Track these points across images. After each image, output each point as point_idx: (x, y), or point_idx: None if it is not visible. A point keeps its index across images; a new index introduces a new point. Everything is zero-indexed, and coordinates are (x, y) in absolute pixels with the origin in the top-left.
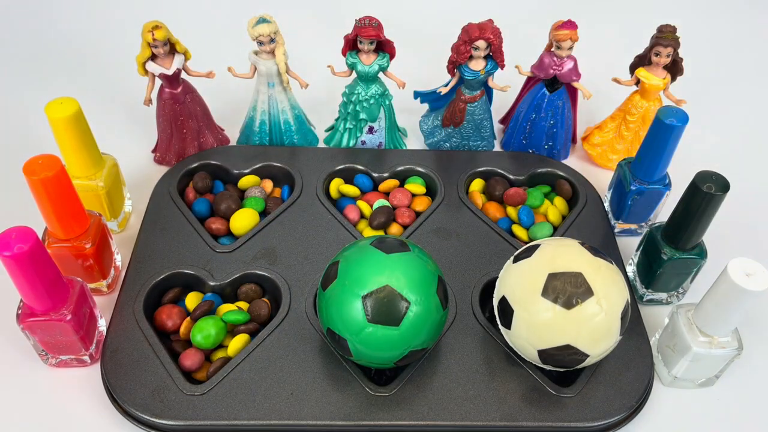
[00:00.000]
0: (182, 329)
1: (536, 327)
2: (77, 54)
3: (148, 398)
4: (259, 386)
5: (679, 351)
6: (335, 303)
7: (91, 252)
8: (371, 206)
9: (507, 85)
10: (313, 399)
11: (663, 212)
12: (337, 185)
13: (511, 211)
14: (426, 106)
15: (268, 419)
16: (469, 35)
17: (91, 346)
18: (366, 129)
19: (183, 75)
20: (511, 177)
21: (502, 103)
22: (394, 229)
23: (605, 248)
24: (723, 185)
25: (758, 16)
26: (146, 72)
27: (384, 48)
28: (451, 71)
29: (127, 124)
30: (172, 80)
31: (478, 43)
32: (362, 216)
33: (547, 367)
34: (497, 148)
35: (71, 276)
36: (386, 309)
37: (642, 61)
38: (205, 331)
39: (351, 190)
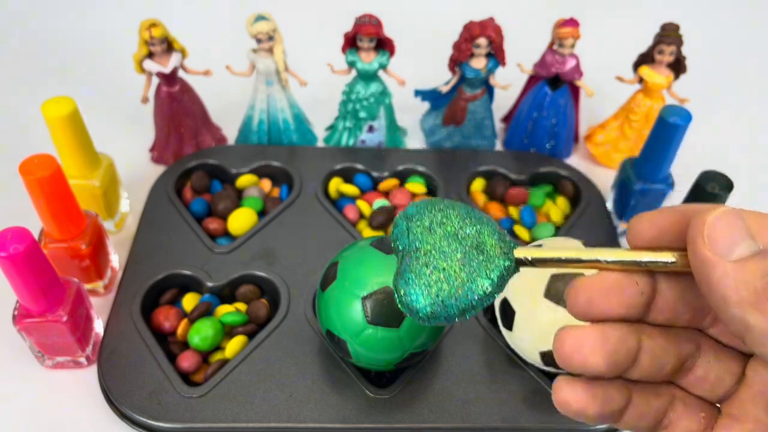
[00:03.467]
0: (179, 331)
1: (538, 328)
2: (74, 53)
3: (145, 400)
4: (257, 388)
5: None
6: (334, 304)
7: (87, 252)
8: (371, 206)
9: (508, 84)
10: (312, 401)
11: None
12: (336, 185)
13: (513, 211)
14: (426, 105)
15: (267, 422)
16: (470, 33)
17: (88, 348)
18: (366, 128)
19: (180, 73)
20: (512, 176)
21: (503, 102)
22: None
23: None
24: (727, 185)
25: (762, 14)
26: (143, 70)
27: (384, 46)
28: (452, 69)
29: (123, 123)
30: (170, 78)
31: (480, 40)
32: (362, 216)
33: (549, 369)
34: (499, 147)
35: (67, 277)
36: (386, 310)
37: (645, 59)
38: (202, 333)
39: (350, 189)
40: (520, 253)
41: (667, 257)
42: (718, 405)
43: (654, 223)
